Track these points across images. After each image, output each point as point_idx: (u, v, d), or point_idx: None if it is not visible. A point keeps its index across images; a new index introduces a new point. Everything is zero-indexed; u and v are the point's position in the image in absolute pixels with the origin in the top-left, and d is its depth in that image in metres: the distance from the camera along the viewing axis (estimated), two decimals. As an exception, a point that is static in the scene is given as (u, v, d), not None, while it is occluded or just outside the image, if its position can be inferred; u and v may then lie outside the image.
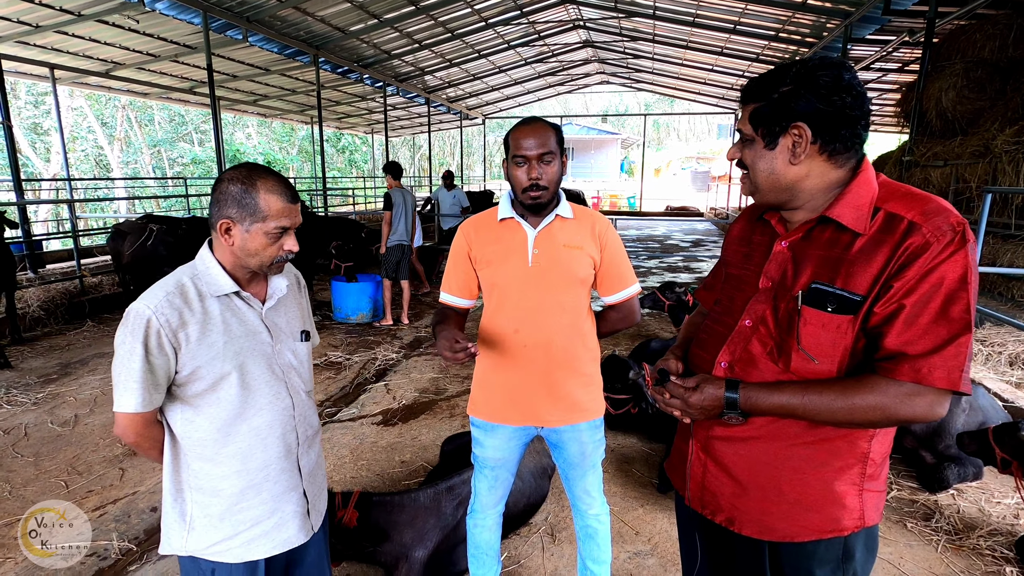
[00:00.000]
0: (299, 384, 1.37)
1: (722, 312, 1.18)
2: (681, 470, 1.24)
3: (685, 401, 1.09)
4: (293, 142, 28.35)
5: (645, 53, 14.68)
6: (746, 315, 1.09)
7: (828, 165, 1.01)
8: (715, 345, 1.14)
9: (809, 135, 0.98)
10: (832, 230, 1.01)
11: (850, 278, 0.96)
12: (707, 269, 9.61)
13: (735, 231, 1.26)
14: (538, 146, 1.53)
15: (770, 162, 1.03)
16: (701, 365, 1.18)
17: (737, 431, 1.09)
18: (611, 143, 33.50)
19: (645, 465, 3.12)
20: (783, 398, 1.00)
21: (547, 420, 1.67)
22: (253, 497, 1.28)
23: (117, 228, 6.06)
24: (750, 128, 1.04)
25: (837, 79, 0.95)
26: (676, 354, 1.27)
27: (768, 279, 1.08)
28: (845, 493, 1.03)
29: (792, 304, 1.02)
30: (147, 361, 1.14)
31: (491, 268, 1.64)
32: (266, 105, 14.72)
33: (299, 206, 1.26)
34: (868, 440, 1.02)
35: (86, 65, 9.60)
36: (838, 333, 0.97)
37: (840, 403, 0.95)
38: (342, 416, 3.81)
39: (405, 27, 10.32)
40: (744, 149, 1.08)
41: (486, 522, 1.84)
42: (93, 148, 21.43)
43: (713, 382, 1.07)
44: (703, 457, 1.15)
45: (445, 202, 8.59)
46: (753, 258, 1.15)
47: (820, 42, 9.59)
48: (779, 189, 1.04)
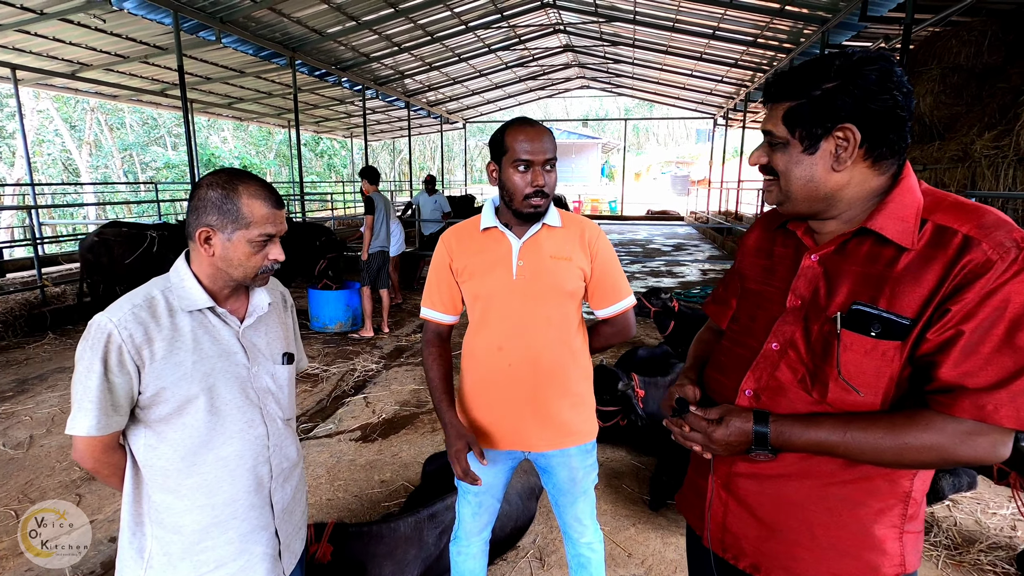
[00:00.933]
0: (276, 411, 1.24)
1: (742, 332, 1.06)
2: (698, 508, 1.11)
3: (707, 436, 0.97)
4: (270, 146, 27.86)
5: (625, 58, 14.73)
6: (772, 337, 0.98)
7: (871, 172, 0.90)
8: (737, 370, 1.02)
9: (858, 138, 0.87)
10: (871, 243, 0.90)
11: (896, 299, 0.85)
12: (689, 274, 9.61)
13: (751, 241, 1.14)
14: (545, 150, 1.40)
15: (809, 168, 0.91)
16: (721, 391, 1.06)
17: (764, 468, 0.97)
18: (592, 147, 33.62)
19: (635, 480, 3.01)
20: (821, 434, 0.88)
21: (535, 444, 1.54)
22: (218, 536, 1.15)
23: (101, 237, 5.60)
24: (784, 130, 0.92)
25: (887, 74, 0.84)
26: (690, 377, 1.15)
27: (797, 297, 0.96)
28: (885, 537, 0.92)
29: (829, 327, 0.90)
30: (106, 379, 1.03)
31: (474, 281, 1.52)
32: (241, 108, 14.39)
33: (284, 212, 1.16)
34: (911, 478, 0.91)
35: (50, 66, 9.24)
36: (883, 361, 0.86)
37: (888, 442, 0.84)
38: (318, 432, 3.64)
39: (384, 30, 10.16)
40: (774, 153, 0.95)
41: (470, 550, 1.71)
42: (61, 152, 20.76)
43: (739, 414, 0.95)
44: (724, 496, 1.03)
45: (426, 207, 8.45)
46: (777, 272, 1.03)
47: (797, 48, 9.68)
48: (816, 199, 0.93)
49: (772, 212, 1.10)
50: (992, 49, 6.04)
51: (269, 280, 1.23)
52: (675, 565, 2.33)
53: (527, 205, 1.43)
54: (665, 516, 2.67)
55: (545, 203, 1.45)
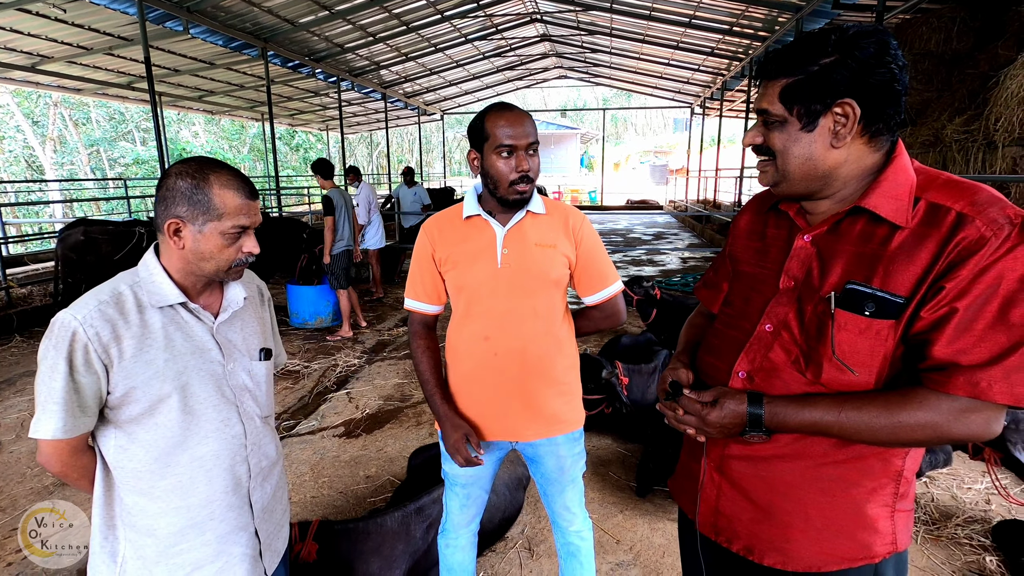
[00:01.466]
0: (253, 409, 1.19)
1: (736, 315, 1.05)
2: (691, 491, 1.10)
3: (702, 418, 0.96)
4: (244, 140, 27.27)
5: (603, 47, 14.70)
6: (765, 319, 0.97)
7: (867, 149, 0.89)
8: (730, 353, 1.02)
9: (858, 113, 0.85)
10: (865, 222, 0.89)
11: (889, 277, 0.84)
12: (670, 262, 9.68)
13: (743, 224, 1.13)
14: (528, 134, 1.37)
15: (807, 146, 0.89)
16: (714, 375, 1.05)
17: (757, 450, 0.97)
18: (570, 138, 33.61)
19: (622, 467, 3.03)
20: (816, 414, 0.88)
21: (522, 434, 1.53)
22: (195, 538, 1.11)
23: (88, 235, 5.40)
24: (780, 107, 0.90)
25: (884, 47, 0.83)
26: (683, 361, 1.14)
27: (790, 278, 0.96)
28: (877, 516, 0.92)
29: (822, 307, 0.90)
30: (71, 380, 0.98)
31: (457, 270, 1.48)
32: (212, 101, 14.02)
33: (258, 203, 1.11)
34: (903, 457, 0.92)
35: (8, 58, 8.86)
36: (877, 340, 0.86)
37: (883, 420, 0.83)
38: (301, 429, 3.58)
39: (358, 19, 9.96)
40: (771, 133, 0.92)
41: (459, 542, 1.69)
42: (23, 149, 20.03)
43: (733, 396, 0.95)
44: (717, 478, 1.03)
45: (406, 200, 8.36)
46: (769, 254, 1.02)
47: (772, 36, 9.75)
48: (813, 177, 0.91)
49: (764, 194, 1.09)
50: (961, 35, 6.15)
51: (244, 273, 1.18)
52: (663, 550, 2.34)
53: (513, 192, 1.40)
54: (652, 502, 2.69)
55: (530, 188, 1.42)
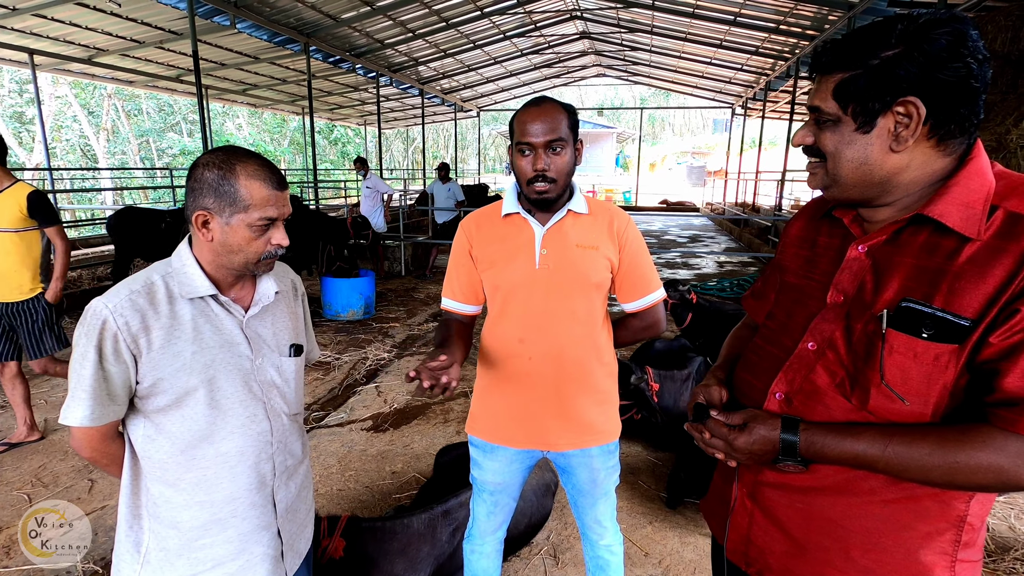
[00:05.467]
0: (281, 406, 1.17)
1: (777, 330, 0.96)
2: (721, 516, 1.02)
3: (729, 443, 0.88)
4: (284, 133, 27.91)
5: (643, 45, 14.45)
6: (809, 336, 0.88)
7: (934, 153, 0.79)
8: (768, 371, 0.93)
9: (923, 113, 0.75)
10: (929, 233, 0.79)
11: (955, 296, 0.74)
12: (705, 266, 9.45)
13: (794, 230, 1.04)
14: (546, 132, 1.32)
15: (863, 149, 0.80)
16: (749, 394, 0.97)
17: (794, 479, 0.88)
18: (606, 137, 33.26)
19: (652, 476, 2.94)
20: (858, 446, 0.78)
21: (555, 443, 1.47)
22: (217, 534, 1.09)
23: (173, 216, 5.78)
24: (834, 105, 0.81)
25: (959, 38, 0.73)
26: (718, 377, 1.06)
27: (839, 292, 0.86)
28: (933, 565, 0.81)
29: (873, 326, 0.80)
30: (101, 368, 0.98)
31: (494, 270, 1.44)
32: (255, 95, 14.36)
33: (287, 194, 1.08)
34: (966, 501, 0.80)
35: (67, 51, 9.24)
36: (935, 367, 0.76)
37: (936, 459, 0.74)
38: (330, 421, 3.61)
39: (398, 15, 10.04)
40: (822, 132, 0.84)
41: (484, 549, 1.65)
42: (79, 138, 20.94)
43: (765, 421, 0.86)
44: (749, 505, 0.95)
45: (440, 195, 8.38)
46: (819, 265, 0.93)
47: (821, 35, 9.41)
48: (868, 183, 0.82)
49: (819, 199, 1.00)
50: (1029, 35, 5.79)
51: (274, 266, 1.16)
52: (694, 566, 2.26)
53: (531, 191, 1.36)
54: (683, 514, 2.60)
55: (550, 188, 1.36)
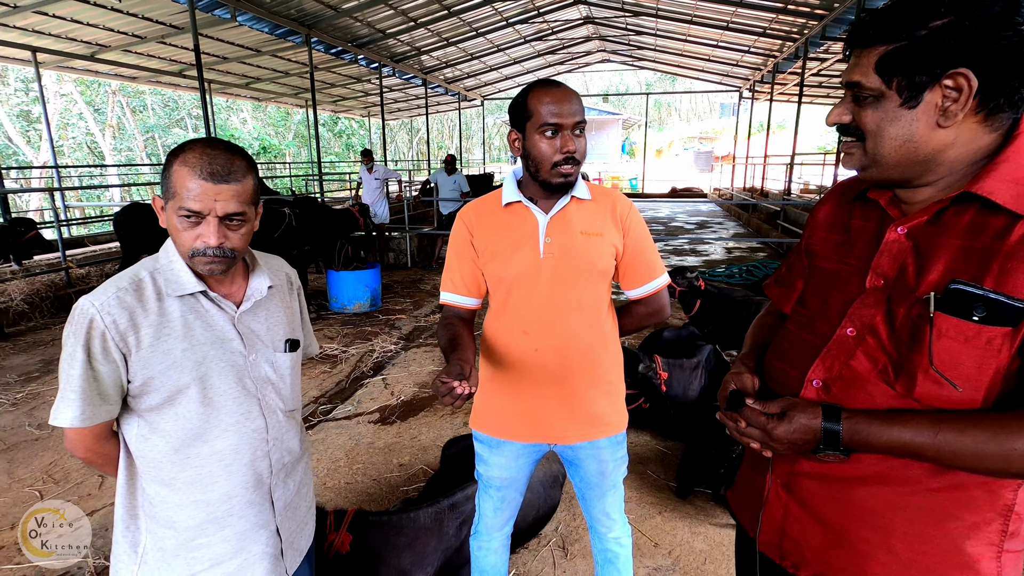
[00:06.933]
0: (276, 402, 1.15)
1: (811, 316, 0.93)
2: (753, 508, 0.99)
3: (767, 432, 0.85)
4: (289, 127, 27.86)
5: (648, 29, 14.23)
6: (848, 321, 0.85)
7: (981, 128, 0.75)
8: (804, 358, 0.90)
9: (974, 86, 0.71)
10: (975, 212, 0.76)
11: (1006, 276, 0.70)
12: (714, 252, 9.36)
13: (822, 214, 1.00)
14: (574, 112, 1.27)
15: (907, 126, 0.76)
16: (783, 382, 0.93)
17: (833, 469, 0.85)
18: (612, 124, 32.95)
19: (661, 466, 2.91)
20: (906, 434, 0.75)
21: (562, 436, 1.44)
22: (214, 533, 1.08)
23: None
24: (877, 80, 0.77)
25: (1012, 5, 0.69)
26: (748, 365, 1.02)
27: (879, 276, 0.83)
28: (979, 556, 0.79)
29: (918, 309, 0.77)
30: (90, 367, 0.96)
31: (497, 261, 1.39)
32: (259, 88, 14.31)
33: (228, 188, 0.97)
34: (1014, 489, 0.78)
35: (70, 48, 9.23)
36: (988, 351, 0.72)
37: (992, 447, 0.70)
38: (337, 414, 3.61)
39: (400, 4, 9.92)
40: (862, 110, 0.80)
41: (491, 544, 1.63)
42: (85, 135, 21.03)
43: (805, 409, 0.83)
44: (784, 496, 0.92)
45: (444, 186, 8.35)
46: (855, 248, 0.89)
47: (831, 13, 9.20)
48: (912, 162, 0.78)
49: (848, 182, 0.96)
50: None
51: (219, 267, 1.02)
52: (704, 556, 2.24)
53: (556, 174, 1.30)
54: (693, 504, 2.58)
55: (576, 171, 1.32)
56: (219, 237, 0.98)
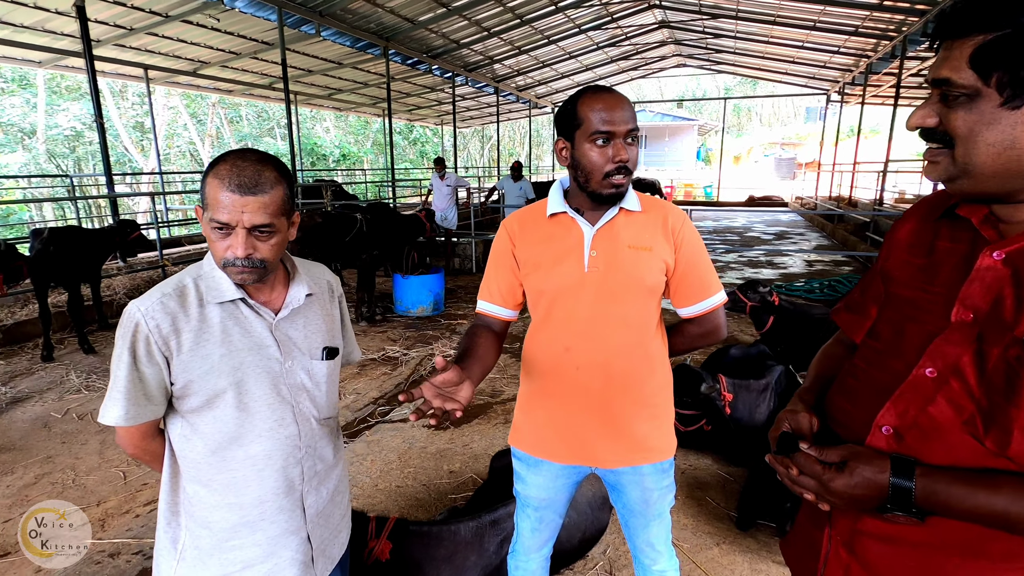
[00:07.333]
0: (310, 410, 1.16)
1: (883, 350, 0.81)
2: (809, 566, 0.88)
3: (823, 484, 0.74)
4: (367, 135, 29.16)
5: (726, 32, 13.68)
6: (927, 360, 0.73)
7: None
8: (871, 399, 0.78)
9: None
10: None
11: None
12: (792, 265, 8.79)
13: (902, 233, 0.87)
14: (628, 119, 1.21)
15: (1008, 130, 0.64)
16: (848, 424, 0.82)
17: (906, 532, 0.73)
18: (687, 130, 31.98)
19: (721, 493, 2.74)
20: (997, 502, 0.63)
21: (603, 460, 1.37)
22: (247, 536, 1.10)
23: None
24: (971, 75, 0.65)
25: None
26: (807, 401, 0.91)
27: (968, 309, 0.71)
28: None
29: (1016, 351, 0.65)
30: (135, 369, 1.00)
31: (539, 273, 1.35)
32: (339, 99, 15.08)
33: (255, 200, 0.97)
34: None
35: (176, 65, 10.15)
36: None
37: None
38: (394, 416, 3.68)
39: (473, 15, 10.13)
40: (951, 111, 0.68)
41: (529, 566, 1.58)
42: (188, 144, 23.01)
43: (870, 460, 0.72)
44: (845, 557, 0.81)
45: (511, 193, 8.41)
46: (939, 274, 0.77)
47: (934, 8, 8.43)
48: (1014, 173, 0.66)
49: (934, 197, 0.84)
50: None
51: (250, 277, 1.03)
52: (765, 596, 2.07)
53: (607, 185, 1.24)
54: (755, 538, 2.40)
55: (627, 181, 1.25)
56: (247, 248, 1.00)
